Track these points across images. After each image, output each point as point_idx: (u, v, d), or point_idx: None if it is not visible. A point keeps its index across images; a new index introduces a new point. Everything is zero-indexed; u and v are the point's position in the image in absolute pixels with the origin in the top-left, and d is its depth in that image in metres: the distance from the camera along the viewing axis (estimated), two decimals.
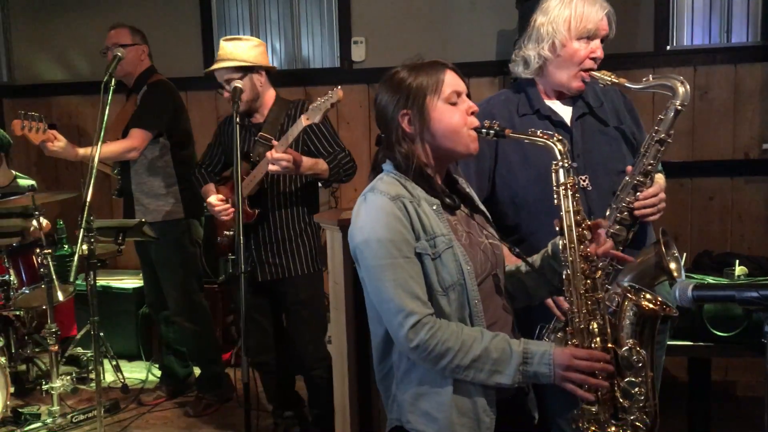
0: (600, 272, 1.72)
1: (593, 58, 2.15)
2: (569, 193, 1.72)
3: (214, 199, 3.26)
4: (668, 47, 4.29)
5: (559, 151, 1.73)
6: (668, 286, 2.01)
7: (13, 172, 4.39)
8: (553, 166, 1.74)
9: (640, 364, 1.65)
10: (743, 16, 4.26)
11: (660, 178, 2.20)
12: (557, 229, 1.72)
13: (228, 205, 3.25)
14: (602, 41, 2.18)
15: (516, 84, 2.33)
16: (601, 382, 1.62)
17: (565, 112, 2.23)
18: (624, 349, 1.67)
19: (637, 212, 2.09)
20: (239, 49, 3.18)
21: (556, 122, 2.20)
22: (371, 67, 4.69)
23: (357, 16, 4.76)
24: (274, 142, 3.04)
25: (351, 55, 4.75)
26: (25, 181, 4.38)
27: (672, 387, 2.42)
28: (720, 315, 2.79)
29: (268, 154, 2.99)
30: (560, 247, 1.72)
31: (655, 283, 2.05)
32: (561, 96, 2.25)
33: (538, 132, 1.76)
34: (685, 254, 3.17)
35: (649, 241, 2.19)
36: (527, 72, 2.24)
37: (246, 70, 3.16)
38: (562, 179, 1.73)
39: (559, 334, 2.11)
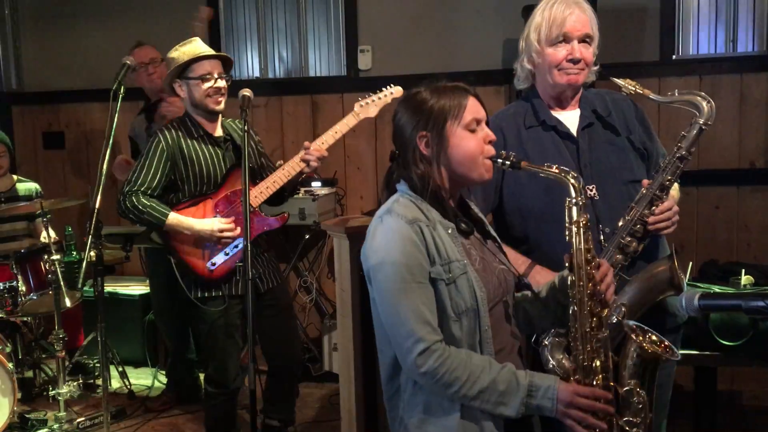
0: (606, 310, 1.72)
1: (572, 60, 2.13)
2: (581, 230, 1.71)
3: (220, 223, 3.04)
4: (674, 56, 4.30)
5: (574, 187, 1.72)
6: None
7: (14, 176, 4.40)
8: (567, 203, 1.73)
9: (640, 406, 1.67)
10: (749, 26, 4.26)
11: (674, 190, 2.19)
12: (566, 265, 1.71)
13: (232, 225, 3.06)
14: (587, 42, 2.15)
15: (524, 95, 2.35)
16: (600, 423, 1.62)
17: (572, 123, 2.23)
18: (625, 389, 1.68)
19: (651, 227, 2.08)
20: None
21: (562, 133, 2.21)
22: (377, 75, 4.68)
23: (363, 25, 4.78)
24: (325, 138, 2.97)
25: (357, 64, 4.77)
26: (25, 185, 4.39)
27: (678, 396, 2.42)
28: (726, 324, 2.79)
29: (315, 151, 2.91)
30: (569, 282, 1.71)
31: (661, 297, 2.06)
32: (561, 104, 2.25)
33: (554, 167, 1.76)
34: (690, 263, 3.17)
35: (661, 254, 2.19)
36: (521, 85, 2.29)
37: (227, 71, 3.13)
38: (575, 217, 1.72)
39: (557, 339, 2.10)
